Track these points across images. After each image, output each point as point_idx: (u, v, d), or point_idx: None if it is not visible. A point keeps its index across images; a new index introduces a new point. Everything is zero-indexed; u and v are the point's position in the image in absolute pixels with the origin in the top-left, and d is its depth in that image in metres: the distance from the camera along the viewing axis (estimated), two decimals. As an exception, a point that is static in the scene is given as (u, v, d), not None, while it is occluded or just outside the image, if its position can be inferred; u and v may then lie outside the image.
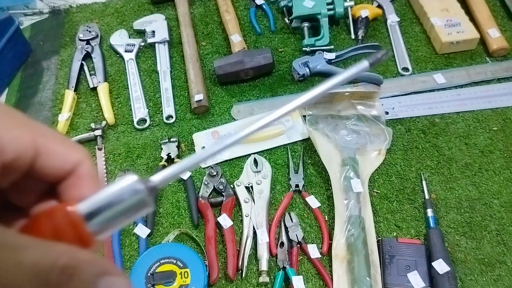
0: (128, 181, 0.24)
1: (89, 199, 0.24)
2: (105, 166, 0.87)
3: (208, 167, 0.84)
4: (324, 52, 0.97)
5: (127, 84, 0.98)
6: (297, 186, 0.81)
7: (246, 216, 0.78)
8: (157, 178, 0.25)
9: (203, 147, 0.87)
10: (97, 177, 0.28)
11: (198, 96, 0.92)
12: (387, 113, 0.89)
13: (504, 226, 0.76)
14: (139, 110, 0.94)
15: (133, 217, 0.24)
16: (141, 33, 1.07)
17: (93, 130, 0.90)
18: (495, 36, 0.96)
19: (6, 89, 1.02)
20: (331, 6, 1.01)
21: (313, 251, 0.74)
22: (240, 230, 0.78)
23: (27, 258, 0.20)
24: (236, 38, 1.01)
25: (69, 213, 0.23)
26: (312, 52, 0.98)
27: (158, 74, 0.99)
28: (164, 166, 0.85)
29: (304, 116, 0.89)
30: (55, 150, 0.25)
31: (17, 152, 0.24)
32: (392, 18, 1.04)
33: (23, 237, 0.21)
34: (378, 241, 0.74)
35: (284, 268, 0.73)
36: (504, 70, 0.94)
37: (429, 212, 0.76)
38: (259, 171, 0.83)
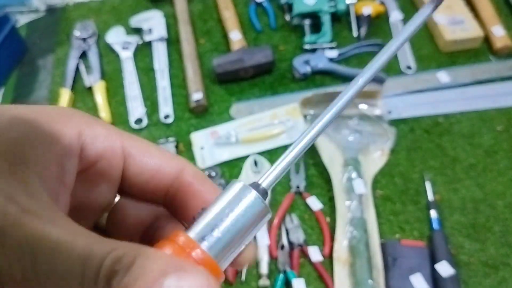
0: (238, 190, 0.20)
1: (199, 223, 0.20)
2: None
3: (207, 168, 0.83)
4: (326, 50, 0.95)
5: (124, 83, 0.97)
6: (298, 187, 0.80)
7: (246, 218, 0.76)
8: (267, 180, 0.21)
9: (202, 147, 0.86)
10: (209, 179, 0.22)
11: (197, 95, 0.90)
12: (390, 112, 0.88)
13: (508, 227, 0.74)
14: (136, 109, 0.92)
15: (255, 231, 0.20)
16: (138, 31, 1.05)
17: (90, 129, 0.89)
18: (499, 34, 0.95)
19: (2, 88, 1.01)
20: (333, 3, 0.99)
21: (315, 253, 0.73)
22: (240, 232, 0.76)
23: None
24: (235, 36, 0.99)
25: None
26: (313, 50, 0.96)
27: (156, 72, 0.97)
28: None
29: (305, 115, 0.87)
30: (150, 158, 0.21)
31: (101, 151, 0.20)
32: (395, 16, 1.02)
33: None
34: (381, 244, 0.73)
35: (284, 271, 0.71)
36: (509, 69, 0.93)
37: (433, 214, 0.75)
38: (259, 172, 0.81)
